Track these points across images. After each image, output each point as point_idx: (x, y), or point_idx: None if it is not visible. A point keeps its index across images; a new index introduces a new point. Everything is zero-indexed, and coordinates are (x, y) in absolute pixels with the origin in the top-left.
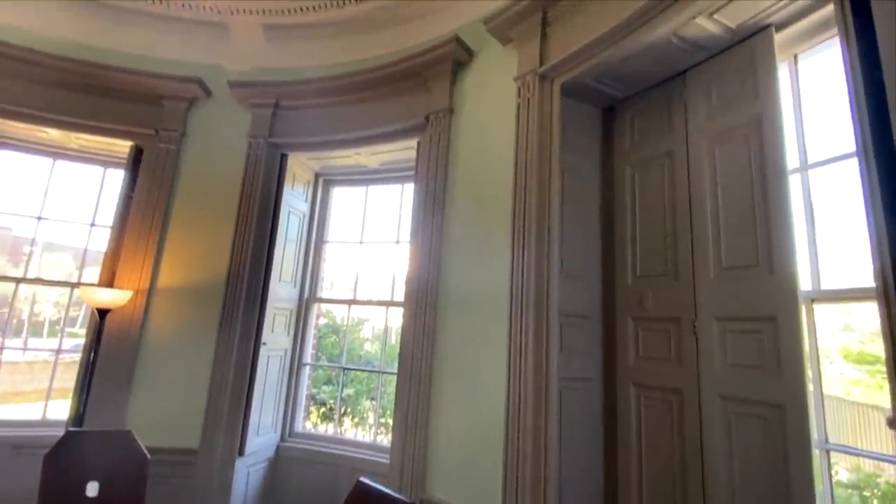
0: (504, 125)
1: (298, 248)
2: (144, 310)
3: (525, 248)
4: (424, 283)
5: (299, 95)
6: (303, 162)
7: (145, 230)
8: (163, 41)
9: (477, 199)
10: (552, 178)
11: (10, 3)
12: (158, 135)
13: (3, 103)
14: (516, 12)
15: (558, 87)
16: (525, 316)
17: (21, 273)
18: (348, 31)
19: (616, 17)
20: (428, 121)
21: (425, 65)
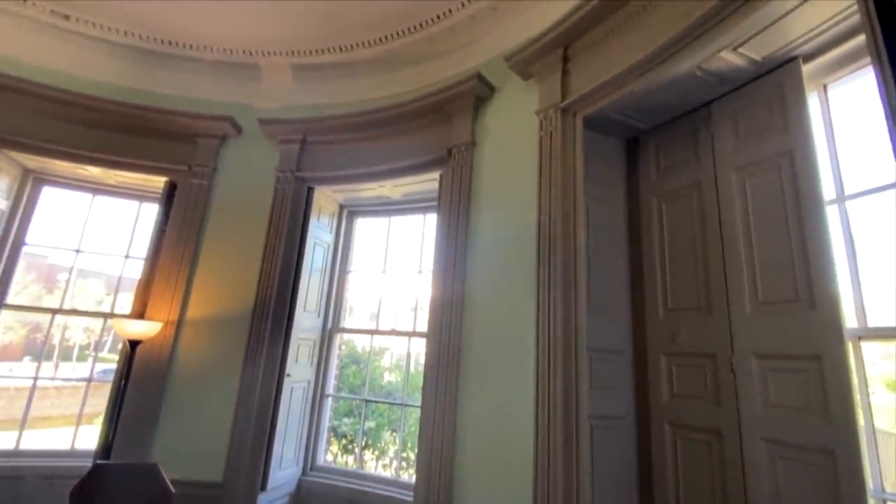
0: (526, 157)
1: (323, 279)
2: (173, 341)
3: (551, 280)
4: (448, 316)
5: (326, 131)
6: (328, 194)
7: (176, 262)
8: (197, 82)
9: (500, 231)
10: (577, 210)
11: (57, 48)
12: (191, 171)
13: (49, 143)
14: (537, 49)
15: (581, 120)
16: (553, 351)
17: (54, 298)
18: (373, 69)
19: (638, 53)
20: (450, 154)
21: (448, 100)
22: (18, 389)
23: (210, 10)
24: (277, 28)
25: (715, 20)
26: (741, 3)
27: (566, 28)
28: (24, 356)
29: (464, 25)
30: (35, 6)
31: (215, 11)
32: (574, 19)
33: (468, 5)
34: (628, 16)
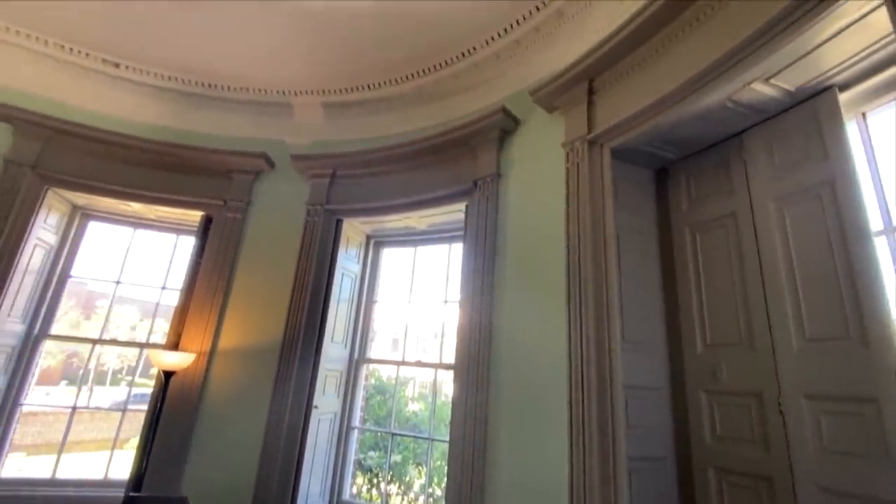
0: (553, 189)
1: (350, 309)
2: (205, 372)
3: (582, 313)
4: (475, 348)
5: (354, 165)
6: (356, 226)
7: (210, 294)
8: (233, 121)
9: (528, 261)
10: (607, 241)
11: (106, 93)
12: (227, 205)
13: (97, 181)
14: (562, 83)
15: (608, 151)
16: (587, 386)
17: (91, 324)
18: (400, 105)
19: (665, 86)
20: (476, 185)
21: (473, 134)
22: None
23: (246, 54)
24: (309, 69)
25: (744, 53)
26: (771, 36)
27: (591, 62)
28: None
29: (488, 61)
30: (89, 56)
31: (251, 55)
32: (599, 54)
33: (492, 43)
34: (654, 49)
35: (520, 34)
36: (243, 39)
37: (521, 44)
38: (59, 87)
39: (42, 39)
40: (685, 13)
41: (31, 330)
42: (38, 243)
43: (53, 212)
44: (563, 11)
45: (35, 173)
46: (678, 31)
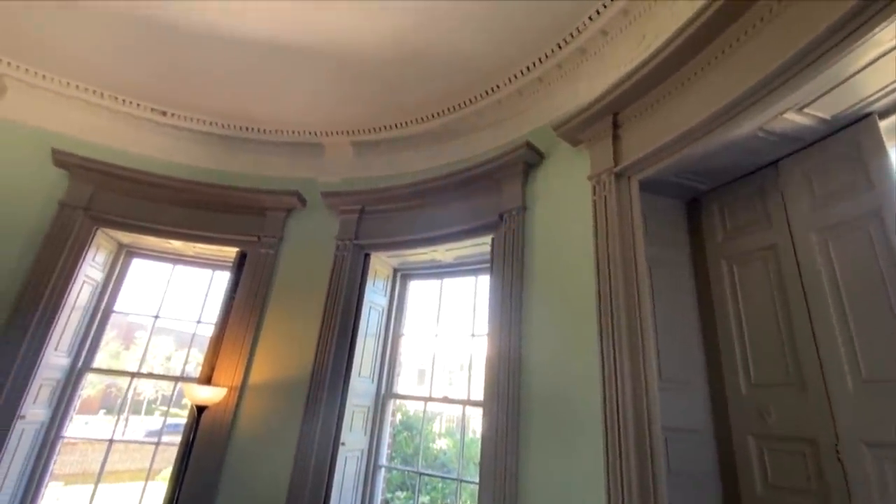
0: (580, 221)
1: (377, 343)
2: (235, 407)
3: (616, 349)
4: (504, 385)
5: (382, 201)
6: (383, 259)
7: (242, 328)
8: (268, 161)
9: (556, 295)
10: (639, 274)
11: (152, 139)
12: (260, 241)
13: (141, 221)
14: (586, 118)
15: (636, 183)
16: (623, 428)
17: (130, 354)
18: (426, 142)
19: (692, 118)
20: (502, 218)
21: (498, 168)
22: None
23: (281, 99)
24: (339, 111)
25: (775, 83)
26: (803, 66)
27: (615, 97)
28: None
29: (511, 98)
30: (140, 107)
31: (286, 100)
32: (623, 89)
33: (515, 80)
34: (679, 82)
35: (542, 71)
36: (279, 86)
37: (543, 80)
38: (111, 135)
39: (98, 92)
40: (710, 46)
41: (75, 363)
42: (87, 280)
43: (101, 250)
44: (585, 49)
45: (86, 215)
46: (704, 63)
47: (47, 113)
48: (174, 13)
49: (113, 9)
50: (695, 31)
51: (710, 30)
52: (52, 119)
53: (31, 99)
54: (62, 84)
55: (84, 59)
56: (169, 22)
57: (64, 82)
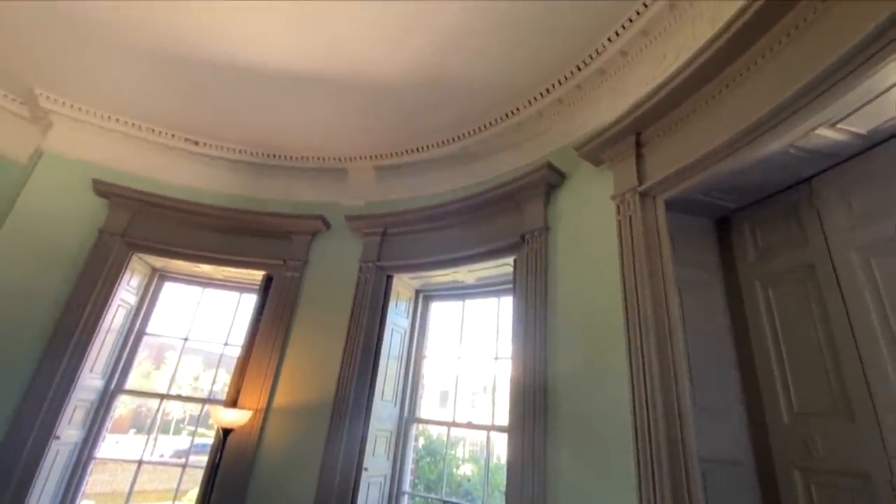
0: (605, 241)
1: (399, 365)
2: (260, 429)
3: (646, 374)
4: (531, 409)
5: (404, 223)
6: (405, 281)
7: (268, 350)
8: (294, 187)
9: (582, 316)
10: (668, 295)
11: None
12: (286, 264)
13: (174, 246)
14: (607, 138)
15: (661, 202)
16: (656, 458)
17: (160, 374)
18: (447, 165)
19: (717, 136)
20: (524, 239)
21: (519, 189)
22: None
23: (307, 127)
24: (362, 137)
25: (806, 99)
26: (834, 81)
27: (637, 116)
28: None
29: (531, 120)
30: (174, 137)
31: (311, 128)
32: (645, 108)
33: (535, 102)
34: (703, 100)
35: (562, 93)
36: (304, 115)
37: (563, 102)
38: (147, 164)
39: (136, 125)
40: (736, 63)
41: (108, 384)
42: (121, 303)
43: (136, 274)
44: (605, 70)
45: (123, 241)
46: (729, 80)
47: (89, 145)
48: (206, 49)
49: (150, 46)
50: (719, 48)
51: (736, 46)
52: (93, 151)
53: (74, 132)
54: (103, 118)
55: (123, 93)
56: (201, 57)
57: (105, 116)
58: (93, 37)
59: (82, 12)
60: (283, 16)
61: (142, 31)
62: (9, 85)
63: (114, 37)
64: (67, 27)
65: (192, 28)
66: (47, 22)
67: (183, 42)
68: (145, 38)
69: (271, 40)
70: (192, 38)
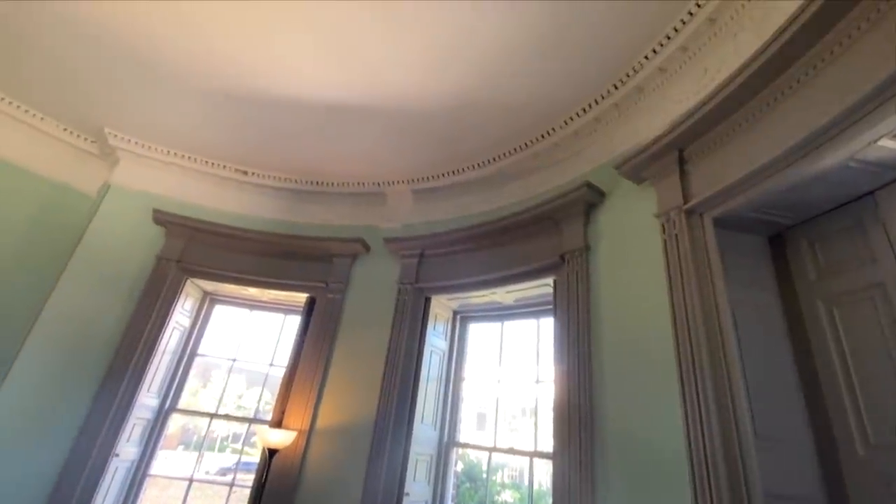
0: (650, 261)
1: (438, 388)
2: (304, 450)
3: (701, 402)
4: (575, 435)
5: (441, 245)
6: (443, 302)
7: (311, 371)
8: (334, 211)
9: (628, 339)
10: (721, 318)
11: (233, 195)
12: (328, 286)
13: (224, 271)
14: (648, 156)
15: (709, 220)
16: (716, 493)
17: (208, 392)
18: (483, 186)
19: (768, 151)
20: (564, 259)
21: (557, 209)
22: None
23: (347, 155)
24: (400, 162)
25: (866, 109)
26: None
27: (680, 133)
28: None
29: (568, 140)
30: (225, 168)
31: (350, 155)
32: (689, 123)
33: (571, 122)
34: (750, 114)
35: (599, 112)
36: (343, 143)
37: (600, 120)
38: (199, 193)
39: (192, 157)
40: (785, 74)
41: (163, 403)
42: (176, 326)
43: (189, 298)
44: (643, 87)
45: (178, 266)
46: (777, 93)
47: (150, 178)
48: (252, 85)
49: (205, 86)
50: (770, 58)
51: (787, 55)
52: (154, 183)
53: (138, 167)
54: (164, 152)
55: (181, 129)
56: (248, 93)
57: (165, 151)
58: (159, 79)
59: (152, 56)
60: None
61: (199, 71)
62: (81, 125)
63: (177, 80)
64: (136, 70)
65: (242, 65)
66: (119, 66)
67: (233, 80)
68: (202, 78)
69: (308, 72)
70: (241, 75)
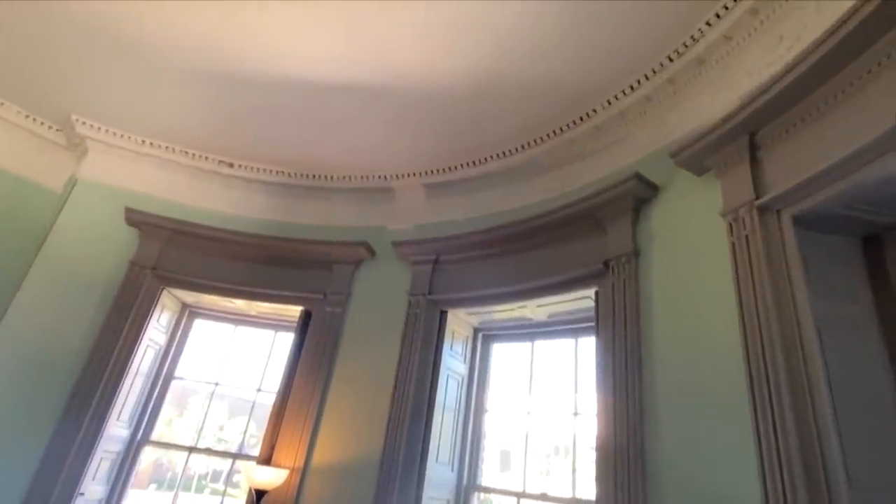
0: (714, 268)
1: (456, 420)
2: (297, 494)
3: (780, 442)
4: (624, 482)
5: (459, 249)
6: (462, 317)
7: (306, 399)
8: (335, 210)
9: (688, 363)
10: (803, 336)
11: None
12: (326, 298)
13: (204, 279)
14: (712, 141)
15: (788, 218)
16: None
17: (184, 422)
18: (509, 179)
19: (864, 133)
20: (608, 266)
21: (599, 206)
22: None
23: (349, 144)
24: (410, 152)
25: None
26: None
27: (752, 112)
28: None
29: (612, 123)
30: (208, 160)
31: (354, 145)
32: (764, 100)
33: (616, 102)
34: (840, 87)
35: (650, 89)
36: (347, 130)
37: (651, 100)
38: (179, 189)
39: (169, 147)
40: (886, 37)
41: (135, 434)
42: (150, 344)
43: (166, 311)
44: (704, 58)
45: (154, 274)
46: (874, 62)
47: (121, 171)
48: (241, 63)
49: (185, 64)
50: (862, 21)
51: (883, 17)
52: (126, 176)
53: (107, 158)
54: (136, 141)
55: (157, 115)
56: (236, 72)
57: (138, 139)
58: (132, 59)
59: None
60: (323, 22)
61: (179, 49)
62: (45, 111)
63: (153, 58)
64: (107, 50)
65: (229, 42)
66: (87, 46)
67: (218, 58)
68: (182, 56)
69: (311, 49)
70: (228, 52)
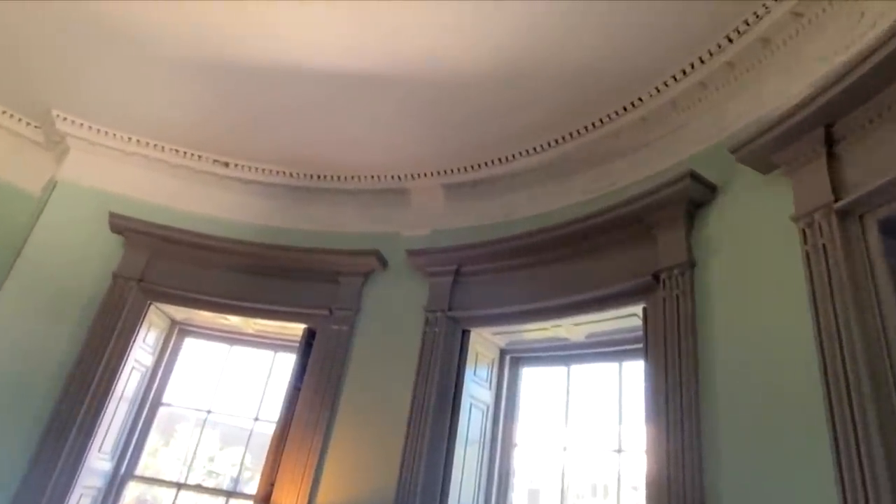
0: (785, 281)
1: (481, 455)
2: None
3: (867, 483)
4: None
5: (483, 258)
6: (486, 337)
7: (310, 430)
8: (343, 215)
9: (755, 389)
10: (893, 361)
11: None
12: (332, 315)
13: (196, 293)
14: (781, 133)
15: (874, 224)
16: None
17: (170, 451)
18: (538, 179)
19: None
20: (658, 280)
21: (647, 209)
22: None
23: (358, 140)
24: (428, 149)
25: None
26: None
27: (829, 100)
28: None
29: (661, 113)
30: (201, 159)
31: (364, 141)
32: (843, 86)
33: (666, 89)
34: None
35: (706, 74)
36: (356, 125)
37: (707, 86)
38: (169, 192)
39: (158, 146)
40: None
41: (118, 468)
42: (136, 366)
43: (153, 329)
44: (769, 38)
45: (140, 288)
46: None
47: (105, 172)
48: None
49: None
50: None
51: None
52: (110, 178)
53: (91, 158)
54: (122, 139)
55: (142, 109)
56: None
57: (124, 137)
58: (118, 48)
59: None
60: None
61: (170, 37)
62: (23, 107)
63: (141, 47)
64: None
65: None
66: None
67: (213, 46)
68: (173, 44)
69: (317, 34)
70: (224, 39)
